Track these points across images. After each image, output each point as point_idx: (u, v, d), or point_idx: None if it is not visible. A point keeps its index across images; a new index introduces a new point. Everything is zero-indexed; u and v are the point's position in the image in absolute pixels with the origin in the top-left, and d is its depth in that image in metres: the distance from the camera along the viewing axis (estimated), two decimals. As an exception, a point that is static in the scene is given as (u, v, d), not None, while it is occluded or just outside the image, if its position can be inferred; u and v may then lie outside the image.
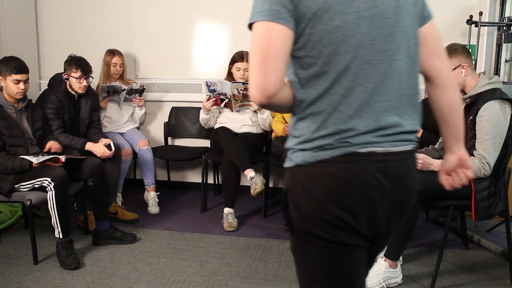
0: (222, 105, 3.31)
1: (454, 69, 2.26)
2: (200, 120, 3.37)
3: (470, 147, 2.23)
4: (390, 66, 1.04)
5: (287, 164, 1.10)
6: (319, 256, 1.07)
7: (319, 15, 0.99)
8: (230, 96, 3.19)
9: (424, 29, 1.14)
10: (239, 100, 3.24)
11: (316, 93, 1.03)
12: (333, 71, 1.01)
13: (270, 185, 3.73)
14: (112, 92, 3.34)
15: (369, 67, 1.02)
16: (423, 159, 2.25)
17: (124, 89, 3.35)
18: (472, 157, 2.20)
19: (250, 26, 1.02)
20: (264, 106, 1.04)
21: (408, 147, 1.10)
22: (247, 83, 3.16)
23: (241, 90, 3.17)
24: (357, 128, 1.02)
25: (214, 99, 3.24)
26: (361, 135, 1.02)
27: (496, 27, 3.17)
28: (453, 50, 2.28)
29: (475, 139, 2.20)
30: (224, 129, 3.27)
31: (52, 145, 2.72)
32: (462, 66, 2.26)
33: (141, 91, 3.47)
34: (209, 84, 3.19)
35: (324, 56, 1.01)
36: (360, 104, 1.02)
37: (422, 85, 1.16)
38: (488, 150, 2.15)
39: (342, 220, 1.02)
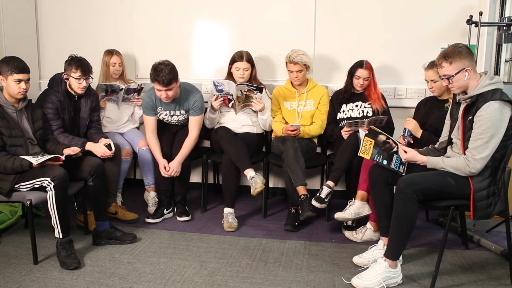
0: (230, 105, 3.30)
1: (457, 73, 2.20)
2: (206, 119, 3.35)
3: (468, 147, 2.23)
4: None
5: None
6: None
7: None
8: (234, 97, 3.19)
9: None
10: (242, 102, 3.24)
11: None
12: None
13: (270, 185, 3.74)
14: (110, 91, 3.35)
15: None
16: (407, 158, 2.36)
17: (122, 89, 3.35)
18: (463, 154, 2.21)
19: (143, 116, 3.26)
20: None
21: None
22: (251, 85, 3.16)
23: (244, 91, 3.17)
24: None
25: (222, 98, 3.24)
26: None
27: (496, 27, 3.17)
28: (457, 53, 2.19)
29: (474, 139, 2.20)
30: (224, 129, 3.27)
31: (70, 152, 2.68)
32: (466, 69, 2.20)
33: (139, 90, 3.47)
34: (216, 84, 3.17)
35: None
36: None
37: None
38: (480, 149, 2.13)
39: None
